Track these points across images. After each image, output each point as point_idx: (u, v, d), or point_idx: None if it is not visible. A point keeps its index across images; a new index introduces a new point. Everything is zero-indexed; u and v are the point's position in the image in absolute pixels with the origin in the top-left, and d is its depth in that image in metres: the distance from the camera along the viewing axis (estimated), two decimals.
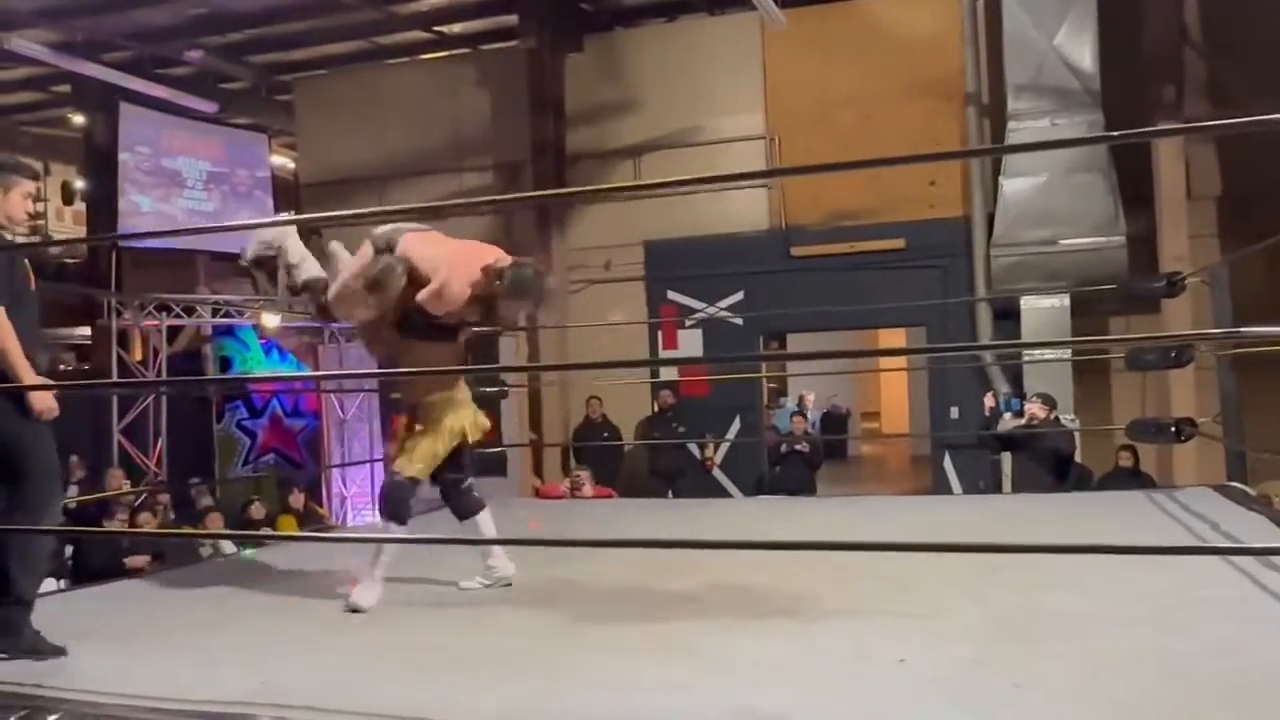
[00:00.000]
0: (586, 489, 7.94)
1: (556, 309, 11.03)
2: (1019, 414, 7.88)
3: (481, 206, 12.05)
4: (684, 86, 11.23)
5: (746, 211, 10.99)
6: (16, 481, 3.19)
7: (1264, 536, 4.31)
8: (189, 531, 8.27)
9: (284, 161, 15.23)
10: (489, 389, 7.25)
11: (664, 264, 11.23)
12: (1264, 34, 8.99)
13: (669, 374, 10.44)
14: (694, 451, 10.62)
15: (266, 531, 8.51)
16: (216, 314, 12.11)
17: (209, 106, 13.15)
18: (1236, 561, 3.72)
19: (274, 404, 13.10)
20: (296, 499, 9.97)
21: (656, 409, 10.50)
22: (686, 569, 4.11)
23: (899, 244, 10.31)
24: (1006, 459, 8.55)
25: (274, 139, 14.37)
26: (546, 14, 11.37)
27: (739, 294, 10.93)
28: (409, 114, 12.25)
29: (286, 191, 14.31)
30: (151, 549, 7.68)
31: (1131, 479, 7.73)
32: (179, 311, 11.90)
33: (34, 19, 11.07)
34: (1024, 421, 7.64)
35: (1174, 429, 5.58)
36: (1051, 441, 7.43)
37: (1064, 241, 9.24)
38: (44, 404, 3.18)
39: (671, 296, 11.23)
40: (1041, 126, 9.30)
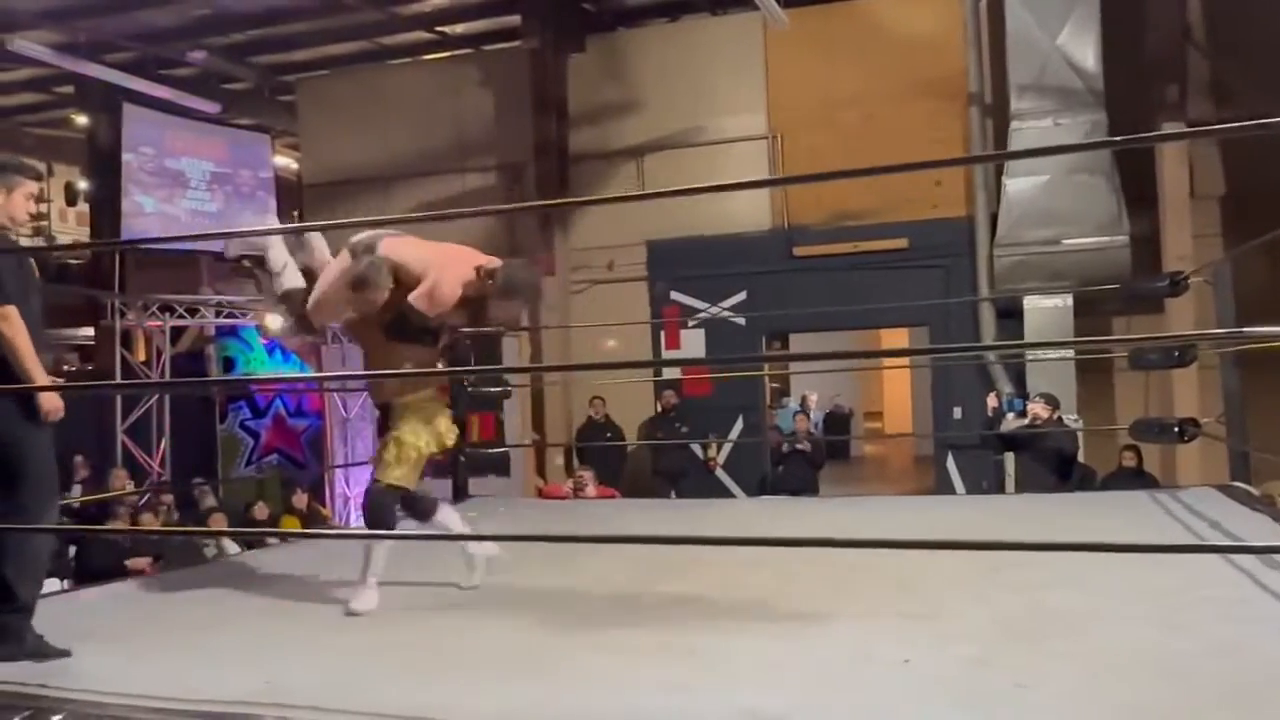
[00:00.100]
0: (590, 489, 7.93)
1: (547, 308, 11.07)
2: (1022, 414, 7.88)
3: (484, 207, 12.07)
4: (686, 86, 11.23)
5: (749, 212, 10.99)
6: (13, 484, 3.17)
7: (1267, 536, 4.31)
8: (193, 530, 8.28)
9: (287, 162, 15.24)
10: (492, 389, 7.25)
11: (667, 264, 11.24)
12: (1267, 33, 8.98)
13: (672, 374, 10.45)
14: (697, 452, 10.63)
15: (269, 530, 8.51)
16: (220, 315, 12.13)
17: (212, 107, 13.16)
18: (1239, 561, 3.72)
19: (277, 404, 13.12)
20: (300, 499, 9.98)
21: (659, 409, 10.50)
22: (689, 569, 4.12)
23: (902, 244, 10.30)
24: (1009, 459, 8.54)
25: (277, 140, 14.37)
26: (549, 14, 11.37)
27: (742, 294, 10.92)
28: (412, 114, 12.26)
29: (289, 192, 14.33)
30: (153, 550, 7.68)
31: (1135, 479, 7.72)
32: (182, 312, 11.94)
33: (37, 20, 11.08)
34: (1027, 421, 7.64)
35: (1177, 429, 5.58)
36: (1054, 441, 7.42)
37: (1067, 241, 9.23)
38: (52, 404, 3.18)
39: (674, 297, 11.23)
40: (1044, 126, 9.29)
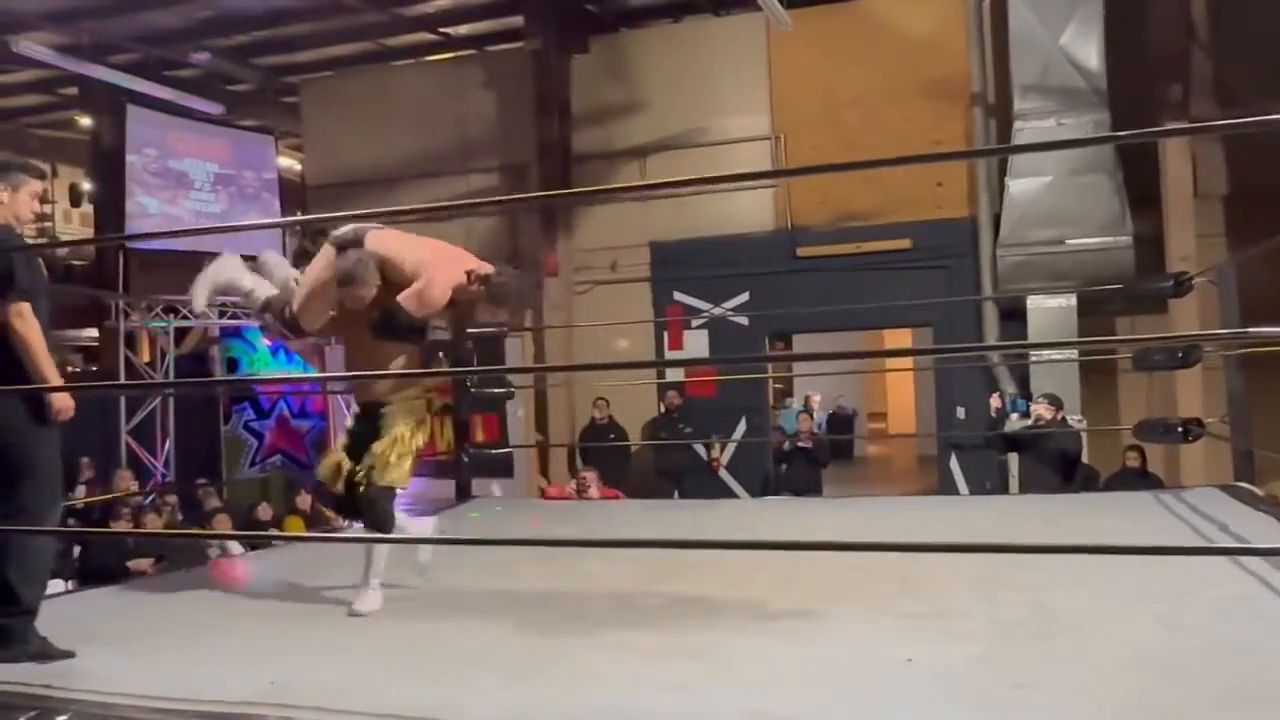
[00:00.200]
0: (593, 490, 7.92)
1: (550, 308, 11.10)
2: (1025, 414, 7.87)
3: (487, 207, 12.08)
4: (689, 87, 11.23)
5: (752, 212, 10.99)
6: (19, 485, 3.16)
7: (1271, 537, 4.30)
8: (197, 532, 8.29)
9: (290, 163, 15.26)
10: (495, 390, 7.25)
11: (670, 265, 11.23)
12: (1270, 33, 8.96)
13: (675, 375, 10.45)
14: (700, 452, 10.63)
15: (273, 532, 8.53)
16: (223, 316, 12.14)
17: (215, 108, 13.19)
18: (1244, 561, 3.71)
19: (281, 405, 13.14)
20: (303, 500, 9.98)
21: (663, 409, 10.50)
22: (692, 569, 4.11)
23: (905, 244, 10.29)
24: (1013, 460, 8.53)
25: (280, 140, 14.40)
26: (552, 15, 11.38)
27: (745, 294, 10.92)
28: (415, 115, 12.27)
29: (293, 193, 14.35)
30: (155, 551, 7.68)
31: (1139, 479, 7.71)
32: (186, 313, 11.94)
33: (41, 22, 11.11)
34: (1030, 422, 7.63)
35: (1181, 429, 5.57)
36: (1058, 442, 7.41)
37: (1070, 241, 9.22)
38: (63, 403, 3.19)
39: (678, 297, 11.23)
40: (1047, 126, 9.28)
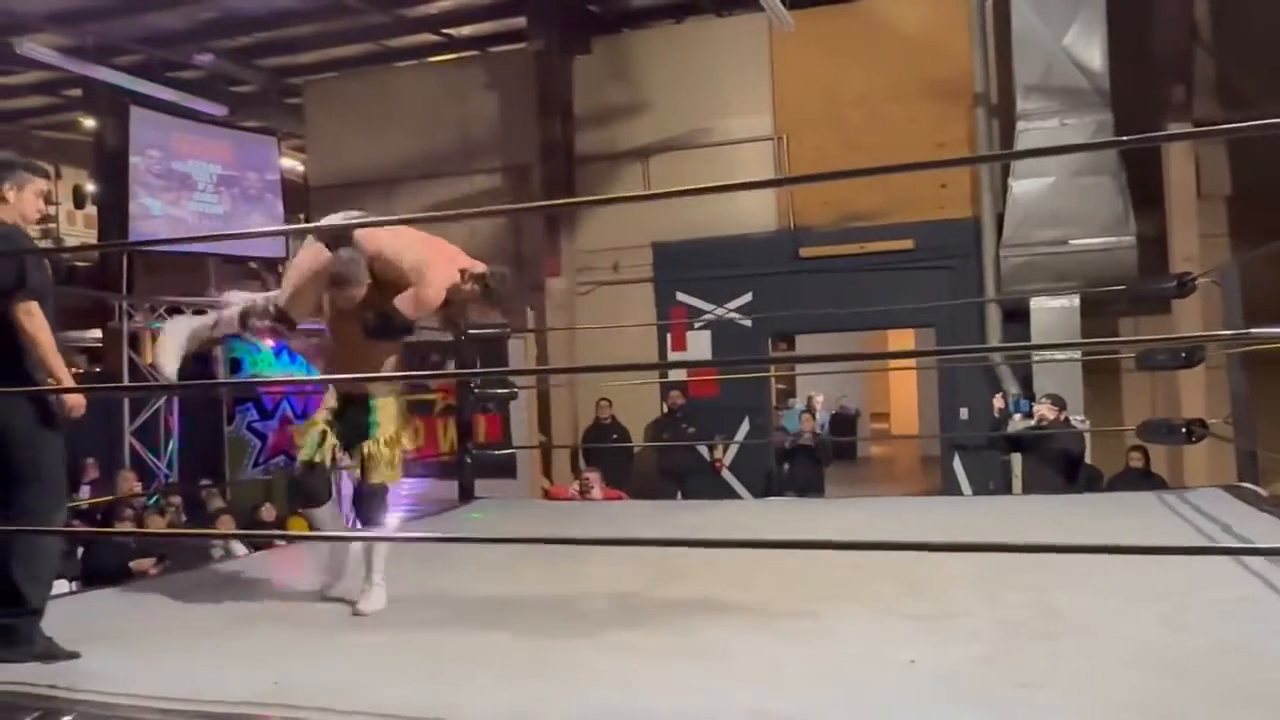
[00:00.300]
0: (596, 491, 7.92)
1: (553, 308, 11.12)
2: (1028, 415, 7.87)
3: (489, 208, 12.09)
4: (692, 88, 11.23)
5: (755, 213, 10.98)
6: (24, 486, 3.16)
7: (1275, 537, 4.29)
8: (201, 532, 8.30)
9: (293, 164, 15.28)
10: (498, 391, 7.26)
11: (672, 265, 11.24)
12: (1273, 33, 8.96)
13: (678, 375, 10.45)
14: (703, 453, 10.63)
15: (277, 532, 8.52)
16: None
17: (218, 110, 13.20)
18: (1248, 562, 3.71)
19: (284, 406, 13.13)
20: None
21: (666, 410, 10.51)
22: (696, 570, 4.11)
23: (908, 245, 10.29)
24: (1016, 460, 8.53)
25: (284, 142, 14.41)
26: (554, 16, 11.39)
27: (748, 295, 10.92)
28: (418, 116, 12.29)
29: (296, 194, 14.36)
30: (158, 551, 7.68)
31: (1142, 480, 7.70)
32: (189, 313, 11.93)
33: (45, 23, 11.13)
34: (1034, 422, 7.63)
35: (1185, 430, 5.57)
36: (1061, 443, 7.41)
37: (1074, 242, 9.21)
38: (75, 401, 3.20)
39: (680, 298, 11.24)
40: (1051, 127, 9.28)
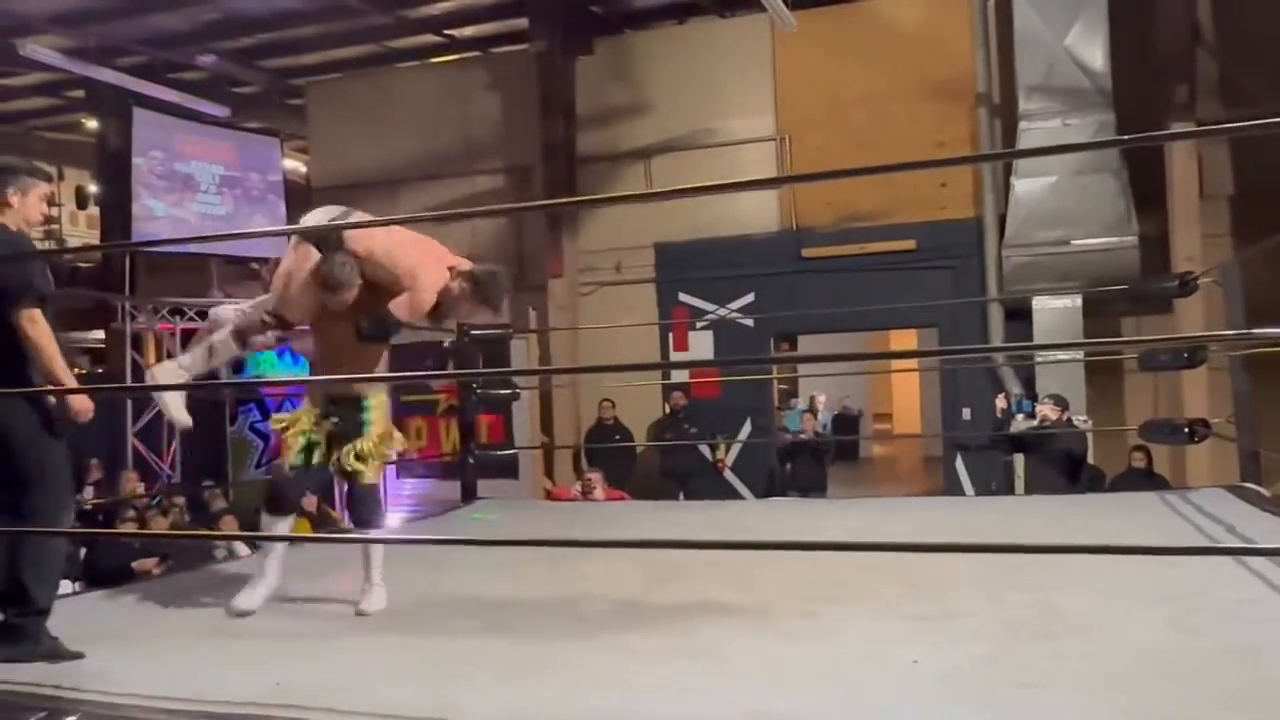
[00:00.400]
0: (598, 492, 7.91)
1: (556, 309, 11.11)
2: (1031, 415, 7.86)
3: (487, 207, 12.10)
4: (695, 88, 11.23)
5: (757, 213, 10.98)
6: (30, 488, 3.19)
7: (1278, 538, 4.30)
8: (204, 533, 8.31)
9: (296, 165, 15.28)
10: (501, 391, 7.27)
11: (675, 266, 11.24)
12: (1276, 33, 8.95)
13: (680, 375, 10.45)
14: (705, 453, 10.63)
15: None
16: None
17: (221, 111, 13.22)
18: (1250, 563, 3.71)
19: (287, 406, 13.12)
20: (309, 501, 9.96)
21: (668, 410, 10.51)
22: (697, 570, 4.12)
23: (910, 245, 10.28)
24: (1019, 460, 8.53)
25: (286, 143, 14.41)
26: (557, 17, 11.38)
27: (750, 295, 10.91)
28: (420, 117, 12.29)
29: (298, 195, 14.37)
30: (160, 551, 7.70)
31: (1144, 480, 7.70)
32: (192, 315, 11.97)
33: (48, 25, 11.15)
34: (1036, 423, 7.62)
35: (1187, 430, 5.58)
36: (1064, 443, 7.41)
37: (1076, 242, 9.20)
38: (82, 404, 3.21)
39: (682, 298, 11.23)
40: (1053, 127, 9.26)
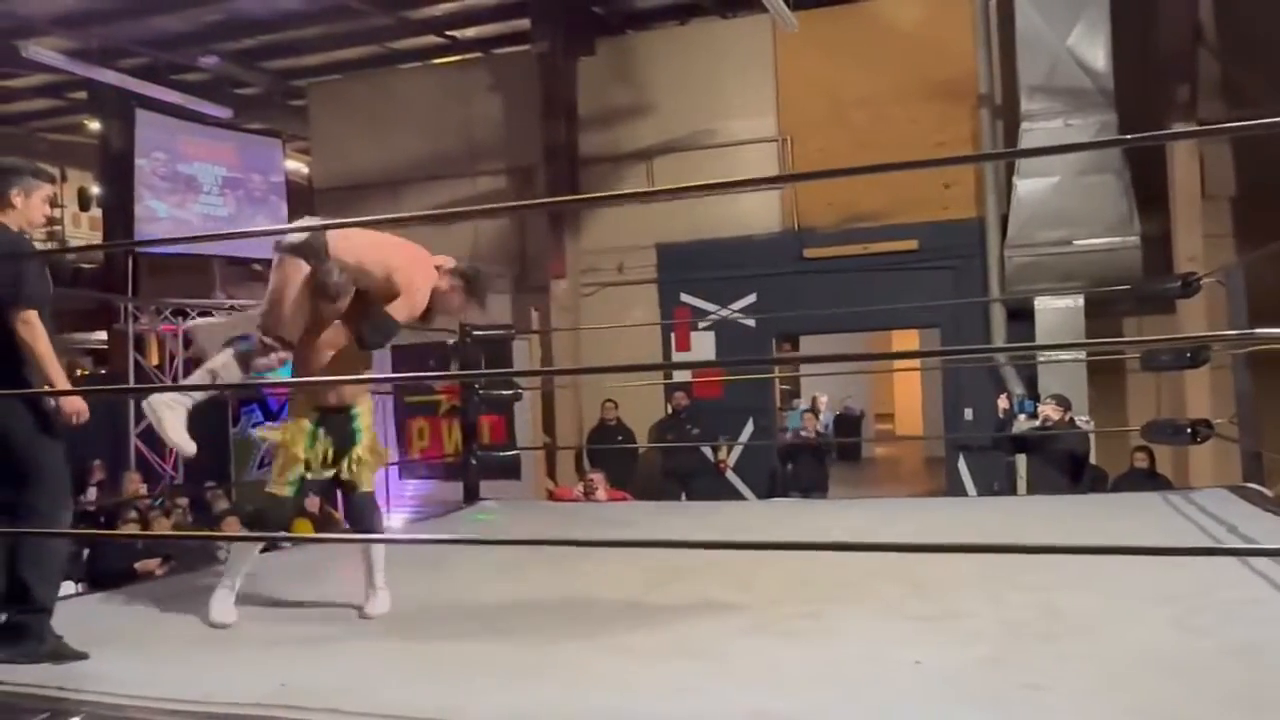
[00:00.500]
0: (600, 492, 7.91)
1: (558, 309, 11.13)
2: (1033, 415, 7.85)
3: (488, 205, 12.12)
4: (696, 89, 11.23)
5: (759, 213, 10.98)
6: (28, 488, 3.20)
7: None
8: (207, 534, 8.31)
9: (298, 166, 15.30)
10: (503, 392, 7.27)
11: (677, 266, 11.24)
12: (1278, 33, 8.94)
13: (682, 376, 10.45)
14: (707, 454, 10.63)
15: (282, 534, 8.53)
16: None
17: (223, 112, 13.22)
18: (1253, 563, 3.71)
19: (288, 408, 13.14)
20: (312, 503, 9.94)
21: (670, 411, 10.51)
22: (699, 571, 4.12)
23: (912, 245, 10.27)
24: (1021, 461, 8.52)
25: (288, 144, 14.43)
26: (558, 18, 11.38)
27: (752, 296, 10.90)
28: (422, 118, 12.30)
29: (300, 196, 14.39)
30: (162, 552, 7.69)
31: (1147, 480, 7.69)
32: (195, 316, 11.98)
33: (50, 27, 11.16)
34: (1038, 423, 7.61)
35: (1189, 430, 5.57)
36: (1066, 443, 7.40)
37: (1078, 242, 9.20)
38: (74, 406, 3.21)
39: (684, 299, 11.23)
40: (1055, 127, 9.25)
